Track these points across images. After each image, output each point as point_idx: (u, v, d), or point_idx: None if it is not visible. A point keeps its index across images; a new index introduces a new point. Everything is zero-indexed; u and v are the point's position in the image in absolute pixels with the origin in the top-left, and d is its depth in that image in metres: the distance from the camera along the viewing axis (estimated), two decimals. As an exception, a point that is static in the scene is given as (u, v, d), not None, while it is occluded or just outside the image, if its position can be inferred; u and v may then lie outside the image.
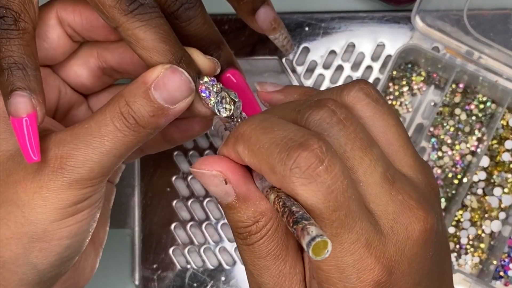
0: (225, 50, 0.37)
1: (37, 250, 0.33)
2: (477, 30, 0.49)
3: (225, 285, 0.52)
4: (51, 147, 0.32)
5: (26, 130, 0.32)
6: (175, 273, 0.52)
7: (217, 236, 0.52)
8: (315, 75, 0.52)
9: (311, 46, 0.52)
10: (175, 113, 0.32)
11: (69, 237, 0.34)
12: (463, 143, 0.51)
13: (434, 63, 0.50)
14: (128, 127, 0.32)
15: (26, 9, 0.33)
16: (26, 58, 0.32)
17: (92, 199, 0.34)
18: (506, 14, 0.51)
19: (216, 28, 0.36)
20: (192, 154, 0.52)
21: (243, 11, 0.38)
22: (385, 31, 0.52)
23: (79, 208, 0.33)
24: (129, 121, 0.32)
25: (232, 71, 0.37)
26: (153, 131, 0.33)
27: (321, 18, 0.52)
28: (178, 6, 0.34)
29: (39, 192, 0.32)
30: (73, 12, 0.35)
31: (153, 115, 0.32)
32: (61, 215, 0.33)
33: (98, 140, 0.32)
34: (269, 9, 0.39)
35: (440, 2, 0.49)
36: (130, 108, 0.32)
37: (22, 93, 0.32)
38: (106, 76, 0.38)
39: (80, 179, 0.32)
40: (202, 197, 0.52)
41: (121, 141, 0.32)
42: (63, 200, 0.32)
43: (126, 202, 0.52)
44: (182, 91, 0.32)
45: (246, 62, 0.52)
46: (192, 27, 0.35)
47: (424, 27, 0.49)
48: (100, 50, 0.37)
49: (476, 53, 0.49)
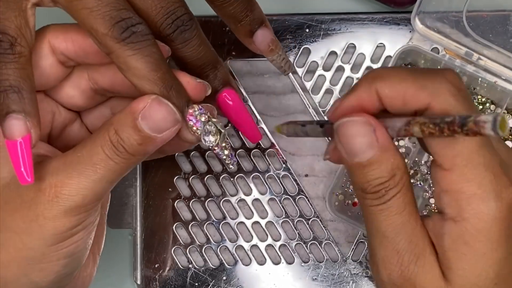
0: (221, 69, 0.38)
1: (37, 271, 0.34)
2: (476, 31, 0.49)
3: (226, 284, 0.52)
4: (46, 175, 0.33)
5: (21, 152, 0.33)
6: (176, 273, 0.52)
7: (218, 235, 0.52)
8: (315, 76, 0.53)
9: (312, 48, 0.53)
10: (162, 140, 0.33)
11: (67, 257, 0.35)
12: (462, 144, 0.51)
13: (434, 64, 0.51)
14: (118, 155, 0.33)
15: (23, 33, 0.33)
16: (22, 81, 0.33)
17: (87, 221, 0.35)
18: (505, 15, 0.51)
19: (213, 48, 0.37)
20: (193, 154, 0.53)
21: (240, 32, 0.39)
22: (385, 33, 0.52)
23: (75, 231, 0.34)
24: (118, 149, 0.33)
25: (227, 90, 0.38)
26: (142, 157, 0.34)
27: (321, 19, 0.53)
28: (174, 28, 0.34)
29: (36, 220, 0.33)
30: (65, 40, 0.35)
31: (141, 144, 0.33)
32: (57, 239, 0.34)
33: (90, 168, 0.33)
34: (266, 31, 0.39)
35: (440, 4, 0.50)
36: (119, 137, 0.33)
37: (17, 116, 0.33)
38: (98, 96, 0.39)
39: (75, 206, 0.33)
40: (203, 197, 0.52)
41: (112, 168, 0.33)
42: (59, 226, 0.33)
43: (127, 202, 0.52)
44: (167, 122, 0.33)
45: (247, 63, 0.53)
46: (188, 49, 0.35)
47: (424, 28, 0.50)
48: (91, 72, 0.38)
49: (475, 54, 0.50)
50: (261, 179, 0.52)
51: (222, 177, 0.52)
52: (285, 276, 0.52)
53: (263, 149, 0.52)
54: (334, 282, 0.52)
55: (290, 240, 0.52)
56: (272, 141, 0.53)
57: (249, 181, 0.52)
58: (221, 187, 0.52)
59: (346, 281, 0.52)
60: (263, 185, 0.52)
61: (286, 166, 0.52)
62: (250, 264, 0.52)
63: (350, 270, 0.52)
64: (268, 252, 0.52)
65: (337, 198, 0.52)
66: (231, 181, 0.53)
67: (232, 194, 0.53)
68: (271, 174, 0.52)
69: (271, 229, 0.52)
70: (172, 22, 0.34)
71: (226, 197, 0.52)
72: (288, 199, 0.52)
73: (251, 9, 0.38)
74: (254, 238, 0.52)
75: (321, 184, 0.52)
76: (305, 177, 0.53)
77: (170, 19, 0.34)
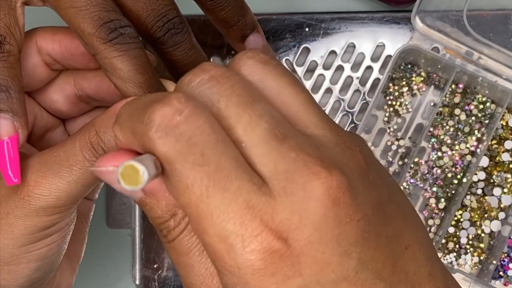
0: None
1: (5, 273, 0.33)
2: (477, 30, 0.49)
3: (225, 284, 0.52)
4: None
5: (7, 152, 0.32)
6: (175, 273, 0.52)
7: (217, 236, 0.52)
8: (315, 75, 0.52)
9: (311, 47, 0.52)
10: None
11: (38, 260, 0.34)
12: (462, 143, 0.51)
13: (434, 63, 0.51)
14: (97, 158, 0.32)
15: (12, 31, 0.33)
16: (10, 80, 0.32)
17: (61, 223, 0.34)
18: (506, 14, 0.51)
19: (203, 52, 0.37)
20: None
21: (232, 37, 0.39)
22: (385, 32, 0.52)
23: (48, 233, 0.33)
24: (98, 151, 0.32)
25: None
26: None
27: (321, 18, 0.52)
28: (165, 31, 0.34)
29: (6, 218, 0.32)
30: (53, 40, 0.35)
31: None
32: (28, 240, 0.33)
33: (66, 169, 0.32)
34: (258, 37, 0.39)
35: (440, 3, 0.49)
36: (99, 138, 0.32)
37: (5, 116, 0.32)
38: (83, 103, 0.38)
39: (47, 206, 0.32)
40: (203, 197, 0.52)
41: (89, 171, 0.32)
42: (30, 226, 0.32)
43: (126, 202, 0.52)
44: None
45: (247, 63, 0.52)
46: (178, 52, 0.35)
47: (424, 27, 0.49)
48: (77, 78, 0.37)
49: (476, 53, 0.49)
50: (260, 179, 0.52)
51: (221, 177, 0.52)
52: (284, 276, 0.52)
53: (262, 149, 0.52)
54: (334, 282, 0.51)
55: (289, 240, 0.52)
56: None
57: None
58: (220, 187, 0.52)
59: (346, 281, 0.51)
60: (263, 185, 0.52)
61: (285, 166, 0.52)
62: (250, 264, 0.52)
63: (350, 270, 0.51)
64: (267, 252, 0.52)
65: (337, 198, 0.51)
66: (231, 181, 0.52)
67: (231, 194, 0.52)
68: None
69: (270, 229, 0.52)
70: (163, 25, 0.34)
71: (225, 197, 0.52)
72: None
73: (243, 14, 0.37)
74: (253, 238, 0.52)
75: (320, 184, 0.52)
76: (304, 177, 0.52)
77: (161, 22, 0.34)
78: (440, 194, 0.51)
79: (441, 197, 0.51)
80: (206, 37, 0.51)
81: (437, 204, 0.51)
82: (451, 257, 0.51)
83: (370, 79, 0.52)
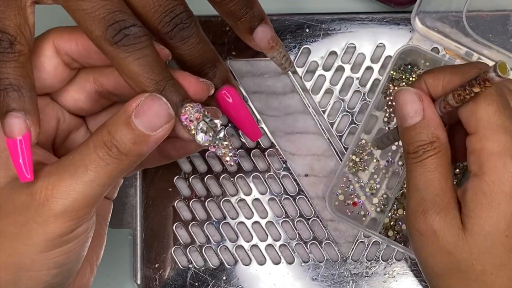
0: (220, 68, 0.37)
1: (25, 279, 0.34)
2: (476, 31, 0.49)
3: (226, 284, 0.52)
4: (38, 179, 0.33)
5: (20, 150, 0.33)
6: (176, 273, 0.52)
7: (218, 235, 0.52)
8: (315, 76, 0.53)
9: (312, 47, 0.53)
10: (156, 139, 0.33)
11: (57, 267, 0.34)
12: (462, 144, 0.51)
13: (434, 64, 0.51)
14: (111, 156, 0.33)
15: (22, 31, 0.33)
16: (22, 79, 0.33)
17: (79, 231, 0.34)
18: (505, 15, 0.51)
19: (212, 46, 0.37)
20: (193, 154, 0.53)
21: (240, 30, 0.39)
22: (385, 33, 0.52)
23: (66, 240, 0.34)
24: (111, 149, 0.32)
25: (227, 88, 0.38)
26: (135, 158, 0.33)
27: (321, 19, 0.53)
28: (173, 26, 0.34)
29: (26, 225, 0.33)
30: (69, 40, 0.35)
31: (135, 143, 0.32)
32: (47, 247, 0.33)
33: (81, 170, 0.32)
34: (266, 28, 0.39)
35: (440, 4, 0.50)
36: (112, 137, 0.32)
37: (17, 114, 0.33)
38: (104, 99, 0.39)
39: (65, 211, 0.32)
40: (203, 197, 0.52)
41: (104, 170, 0.33)
42: (49, 232, 0.33)
43: (128, 202, 0.52)
44: (161, 117, 0.33)
45: (248, 63, 0.53)
46: (187, 47, 0.35)
47: (424, 28, 0.50)
48: (96, 75, 0.38)
49: (475, 54, 0.50)
50: (261, 179, 0.53)
51: (222, 177, 0.53)
52: (285, 276, 0.52)
53: (263, 149, 0.53)
54: (334, 282, 0.52)
55: (290, 240, 0.52)
56: (272, 141, 0.53)
57: (249, 181, 0.52)
58: (221, 187, 0.53)
59: (346, 281, 0.52)
60: (263, 185, 0.52)
61: (286, 166, 0.52)
62: (250, 264, 0.52)
63: (350, 270, 0.52)
64: (268, 252, 0.52)
65: (337, 198, 0.52)
66: (231, 181, 0.53)
67: (232, 194, 0.53)
68: (271, 174, 0.52)
69: (271, 229, 0.52)
70: (171, 20, 0.34)
71: (226, 197, 0.52)
72: (288, 199, 0.52)
73: (250, 6, 0.38)
74: (254, 238, 0.52)
75: (321, 184, 0.52)
76: (305, 177, 0.53)
77: (168, 17, 0.34)
78: (440, 194, 0.51)
79: (441, 197, 0.51)
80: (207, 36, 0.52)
81: (437, 204, 0.51)
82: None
83: (370, 80, 0.52)
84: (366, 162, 0.52)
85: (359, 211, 0.52)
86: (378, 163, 0.52)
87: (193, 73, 0.36)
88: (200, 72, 0.37)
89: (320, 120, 0.52)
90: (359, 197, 0.52)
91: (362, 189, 0.52)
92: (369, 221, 0.52)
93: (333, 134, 0.52)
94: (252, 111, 0.53)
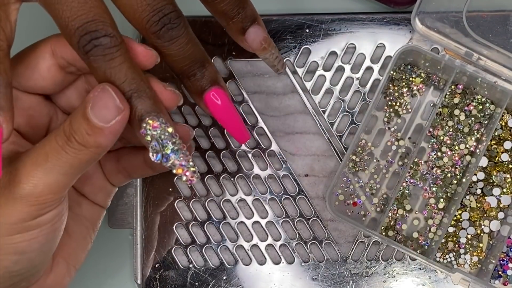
0: (209, 68, 0.37)
1: None
2: (476, 31, 0.49)
3: (226, 284, 0.52)
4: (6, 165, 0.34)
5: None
6: (177, 273, 0.52)
7: (218, 235, 0.52)
8: (315, 76, 0.53)
9: (312, 48, 0.53)
10: (112, 132, 0.33)
11: (17, 253, 0.34)
12: (462, 144, 0.52)
13: (434, 64, 0.51)
14: (69, 145, 0.33)
15: (2, 26, 0.33)
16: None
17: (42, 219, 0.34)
18: (505, 15, 0.51)
19: (202, 47, 0.37)
20: (193, 154, 0.53)
21: (232, 30, 0.38)
22: (385, 33, 0.53)
23: (27, 226, 0.34)
24: (70, 139, 0.33)
25: (216, 89, 0.37)
26: (96, 150, 0.34)
27: (321, 19, 0.53)
28: (161, 26, 0.34)
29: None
30: (66, 45, 0.35)
31: (90, 134, 0.33)
32: (8, 230, 0.34)
33: (42, 157, 0.33)
34: (259, 29, 0.38)
35: (440, 4, 0.50)
36: (71, 127, 0.33)
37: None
38: None
39: (25, 195, 0.33)
40: (204, 197, 0.53)
41: (63, 158, 0.33)
42: (10, 215, 0.33)
43: (128, 202, 0.52)
44: (110, 109, 0.33)
45: (248, 63, 0.53)
46: (175, 47, 0.35)
47: (424, 28, 0.50)
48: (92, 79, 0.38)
49: (475, 54, 0.50)
50: (261, 179, 0.53)
51: (222, 177, 0.53)
52: (285, 276, 0.52)
53: (263, 149, 0.53)
54: (334, 282, 0.52)
55: (290, 240, 0.52)
56: (272, 141, 0.53)
57: (249, 181, 0.53)
58: (221, 187, 0.53)
59: (346, 281, 0.52)
60: (263, 185, 0.52)
61: (286, 166, 0.52)
62: (250, 264, 0.52)
63: (350, 270, 0.52)
64: (268, 252, 0.52)
65: (337, 198, 0.52)
66: (231, 181, 0.53)
67: (232, 194, 0.53)
68: (271, 174, 0.52)
69: (271, 229, 0.52)
70: (159, 20, 0.34)
71: (226, 197, 0.53)
72: (288, 199, 0.52)
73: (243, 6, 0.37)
74: (254, 238, 0.52)
75: (321, 184, 0.52)
76: (305, 177, 0.53)
77: (156, 17, 0.34)
78: (440, 194, 0.51)
79: (440, 197, 0.51)
80: (207, 37, 0.52)
81: (437, 204, 0.51)
82: (451, 257, 0.51)
83: (370, 80, 0.52)
84: (366, 162, 0.52)
85: (359, 211, 0.52)
86: (378, 163, 0.52)
87: (181, 74, 0.36)
88: (188, 72, 0.36)
89: (320, 120, 0.52)
90: (359, 197, 0.52)
91: (362, 189, 0.52)
92: (369, 221, 0.52)
93: (333, 134, 0.52)
94: (252, 111, 0.53)
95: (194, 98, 0.38)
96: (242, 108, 0.53)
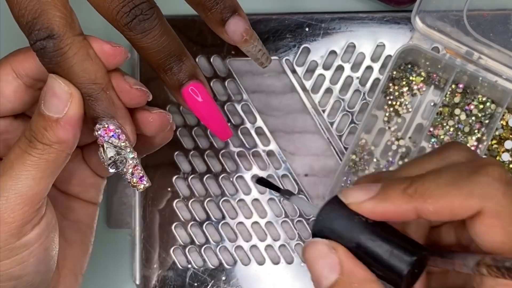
0: (187, 62, 0.36)
1: None
2: (477, 30, 0.49)
3: (225, 284, 0.52)
4: None
5: None
6: (176, 273, 0.52)
7: (217, 236, 0.52)
8: (315, 75, 0.52)
9: (311, 47, 0.52)
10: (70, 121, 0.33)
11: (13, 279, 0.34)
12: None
13: (434, 63, 0.51)
14: (32, 147, 0.32)
15: None
16: None
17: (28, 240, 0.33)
18: (506, 14, 0.51)
19: (179, 39, 0.35)
20: (192, 154, 0.52)
21: (211, 22, 0.36)
22: (385, 32, 0.52)
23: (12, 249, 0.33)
24: (31, 141, 0.32)
25: (194, 84, 0.36)
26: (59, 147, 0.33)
27: (321, 18, 0.53)
28: (132, 18, 0.33)
29: None
30: (25, 59, 0.35)
31: (47, 129, 0.32)
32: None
33: (7, 165, 0.32)
34: (239, 20, 0.36)
35: (440, 3, 0.49)
36: (31, 129, 0.33)
37: None
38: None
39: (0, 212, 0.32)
40: (203, 197, 0.52)
41: (29, 161, 0.32)
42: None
43: (127, 202, 0.52)
44: (59, 96, 0.32)
45: (247, 63, 0.52)
46: (148, 39, 0.34)
47: (424, 27, 0.49)
48: None
49: (476, 53, 0.49)
50: (260, 179, 0.52)
51: (221, 177, 0.52)
52: (284, 276, 0.52)
53: (263, 149, 0.52)
54: (334, 282, 0.51)
55: (289, 240, 0.52)
56: (272, 141, 0.52)
57: (249, 181, 0.52)
58: (220, 187, 0.52)
59: (346, 281, 0.51)
60: (263, 185, 0.52)
61: (285, 166, 0.52)
62: (250, 264, 0.52)
63: (350, 270, 0.51)
64: (267, 252, 0.52)
65: (337, 198, 0.51)
66: (231, 181, 0.52)
67: (231, 194, 0.52)
68: (271, 173, 0.52)
69: (270, 229, 0.52)
70: (130, 11, 0.33)
71: (225, 197, 0.52)
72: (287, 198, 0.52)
73: None
74: (253, 238, 0.52)
75: (321, 184, 0.52)
76: (305, 176, 0.52)
77: (127, 7, 0.33)
78: (440, 194, 0.51)
79: (441, 197, 0.51)
80: (206, 36, 0.51)
81: (437, 204, 0.51)
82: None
83: (370, 79, 0.52)
84: (366, 162, 0.52)
85: (359, 211, 0.51)
86: (378, 163, 0.52)
87: (157, 67, 0.35)
88: (164, 66, 0.35)
89: (320, 120, 0.52)
90: (359, 197, 0.51)
91: (362, 189, 0.52)
92: (369, 221, 0.51)
93: (333, 134, 0.52)
94: (252, 111, 0.52)
95: (171, 93, 0.36)
96: (241, 108, 0.52)
